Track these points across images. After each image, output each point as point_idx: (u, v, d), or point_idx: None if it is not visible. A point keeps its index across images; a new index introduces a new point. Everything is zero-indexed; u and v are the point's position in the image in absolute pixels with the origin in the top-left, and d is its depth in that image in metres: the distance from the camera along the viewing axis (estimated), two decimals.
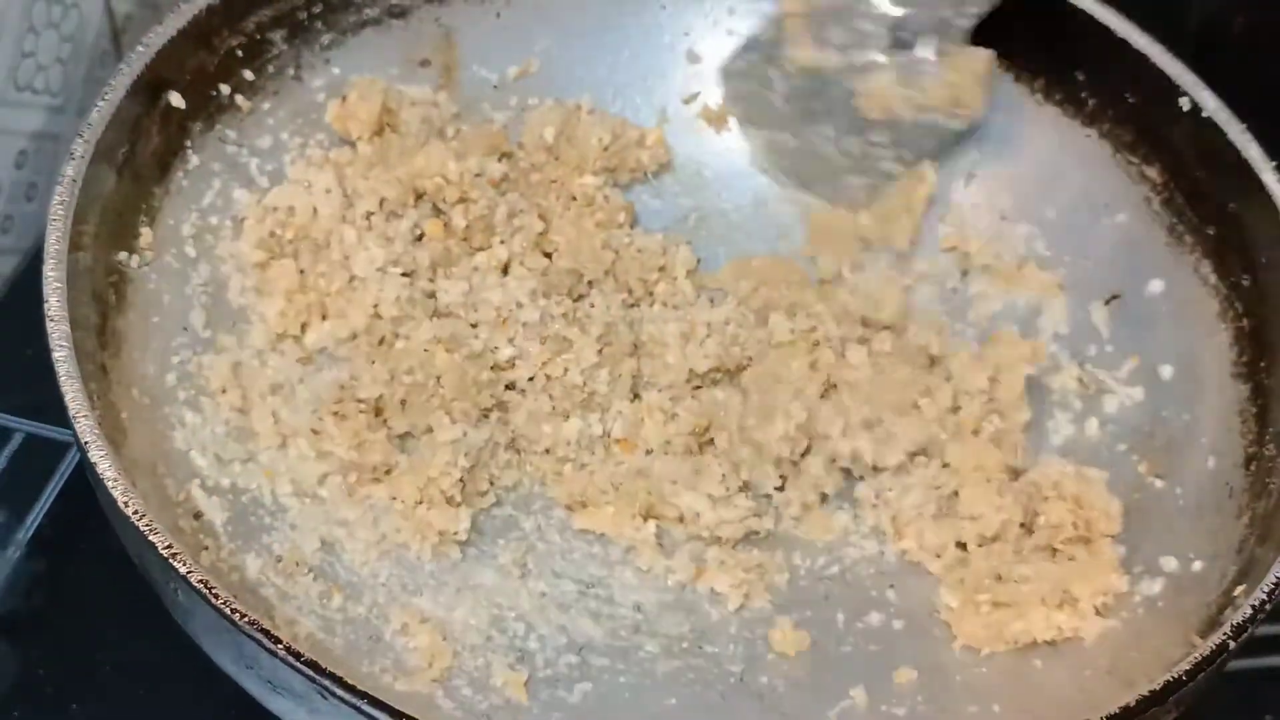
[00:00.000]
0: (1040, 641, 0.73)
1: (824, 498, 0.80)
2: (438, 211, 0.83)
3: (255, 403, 0.76)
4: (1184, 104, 0.82)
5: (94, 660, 0.76)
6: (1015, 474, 0.80)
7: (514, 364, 0.80)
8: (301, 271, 0.80)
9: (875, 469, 0.80)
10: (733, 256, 0.89)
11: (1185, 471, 0.78)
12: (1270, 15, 0.99)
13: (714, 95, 0.92)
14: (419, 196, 0.83)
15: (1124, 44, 0.83)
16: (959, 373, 0.81)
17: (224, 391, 0.76)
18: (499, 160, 0.86)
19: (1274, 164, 0.79)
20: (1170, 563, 0.75)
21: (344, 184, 0.81)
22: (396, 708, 0.57)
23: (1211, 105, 0.81)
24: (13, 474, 0.81)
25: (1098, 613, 0.73)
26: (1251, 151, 0.79)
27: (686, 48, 0.92)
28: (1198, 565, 0.73)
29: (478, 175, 0.82)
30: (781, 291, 0.85)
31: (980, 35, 0.87)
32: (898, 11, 0.82)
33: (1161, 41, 0.83)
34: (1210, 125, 0.81)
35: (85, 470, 0.64)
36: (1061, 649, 0.73)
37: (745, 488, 0.78)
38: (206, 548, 0.69)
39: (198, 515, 0.71)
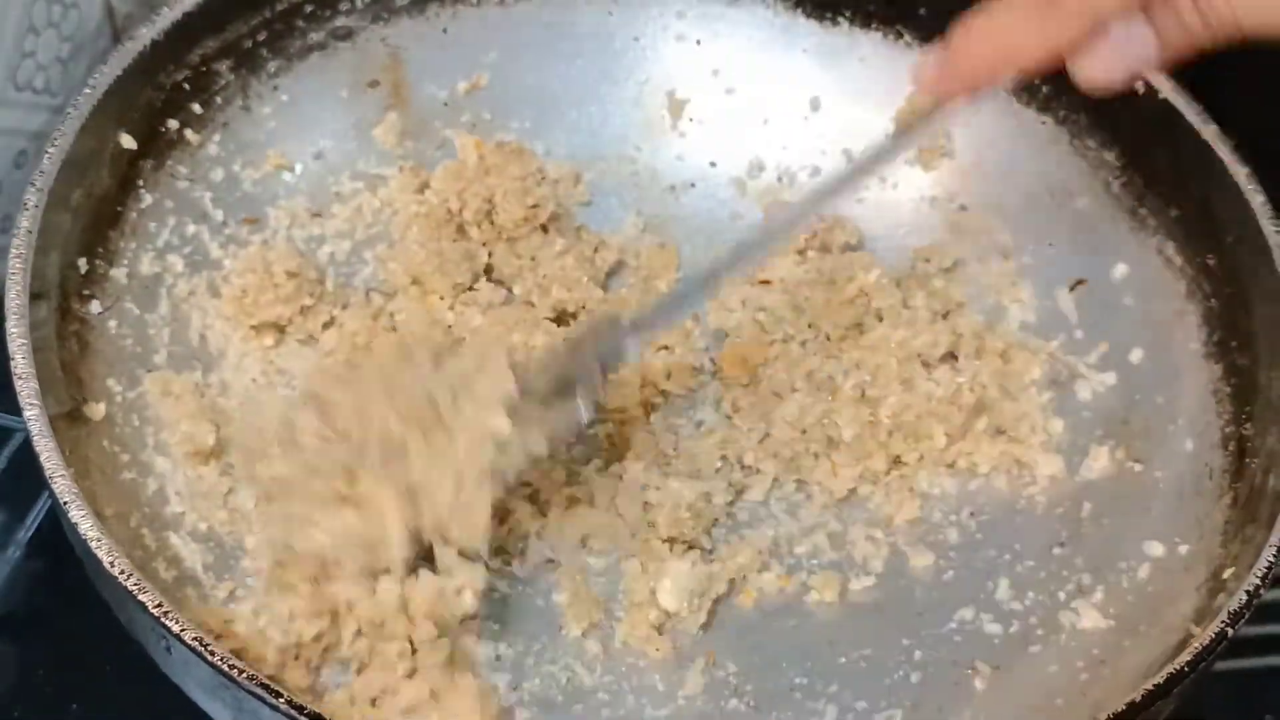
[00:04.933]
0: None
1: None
2: None
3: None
4: (1139, 87, 0.82)
5: (94, 660, 0.75)
6: None
7: None
8: None
9: None
10: (696, 260, 0.88)
11: (1163, 455, 0.78)
12: None
13: (663, 101, 0.91)
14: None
15: None
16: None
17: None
18: None
19: (1232, 143, 0.79)
20: (1156, 548, 0.75)
21: None
22: None
23: (1167, 87, 0.81)
24: (13, 474, 0.80)
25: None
26: (1209, 131, 0.79)
27: (638, 53, 0.91)
28: (1184, 549, 0.74)
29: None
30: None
31: (925, 27, 0.87)
32: None
33: None
34: (1166, 106, 0.81)
35: (65, 528, 0.63)
36: (1053, 639, 0.74)
37: None
38: (190, 596, 0.68)
39: (178, 562, 0.70)
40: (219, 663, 0.57)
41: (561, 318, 0.83)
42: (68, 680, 0.75)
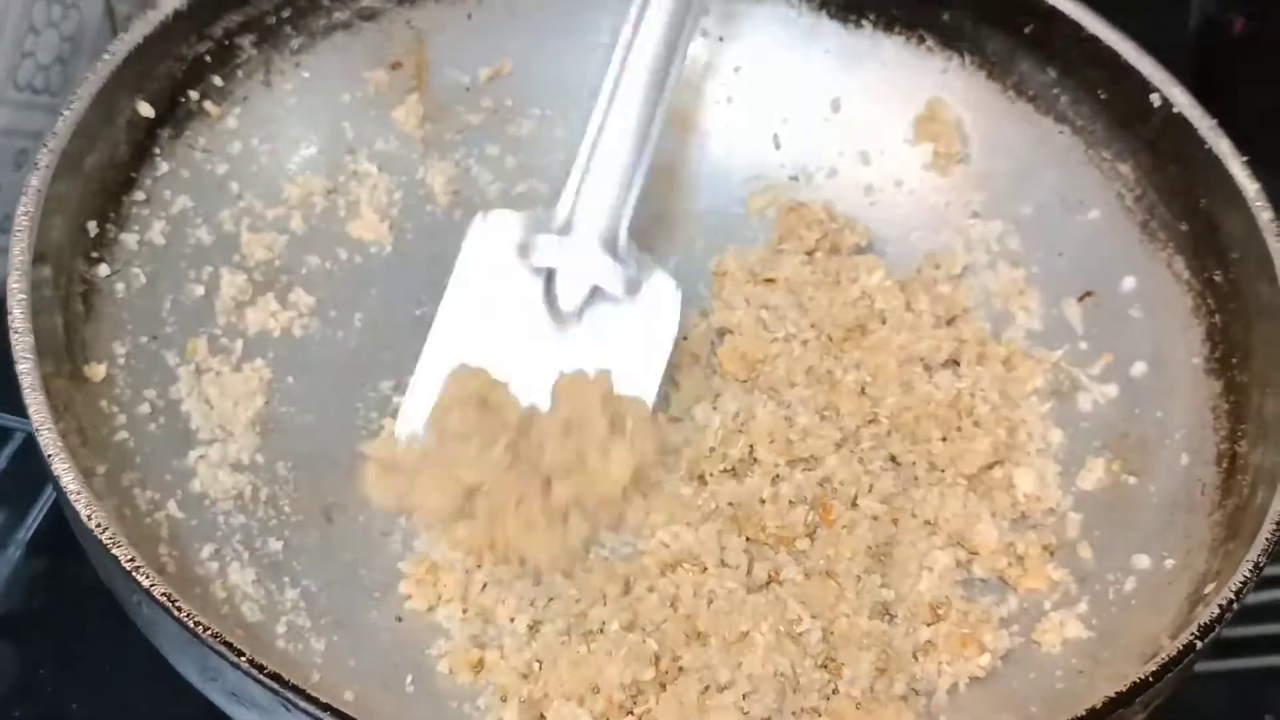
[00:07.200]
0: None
1: None
2: None
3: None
4: (1155, 100, 0.81)
5: (94, 660, 0.76)
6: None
7: None
8: None
9: None
10: (708, 257, 0.89)
11: (1158, 469, 0.78)
12: (1270, 17, 0.99)
13: (684, 96, 0.91)
14: None
15: (1095, 40, 0.83)
16: None
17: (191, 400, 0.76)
18: None
19: (1244, 159, 0.78)
20: (1143, 560, 0.74)
21: None
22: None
23: (1182, 101, 0.81)
24: (13, 474, 0.81)
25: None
26: (1222, 147, 0.79)
27: None
28: (1170, 563, 0.73)
29: None
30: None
31: (947, 33, 0.87)
32: None
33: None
34: (1181, 121, 0.81)
35: (52, 483, 0.64)
36: (1033, 649, 0.74)
37: None
38: (174, 558, 0.69)
39: (167, 525, 0.71)
40: (185, 619, 0.58)
41: None
42: (68, 680, 0.76)
